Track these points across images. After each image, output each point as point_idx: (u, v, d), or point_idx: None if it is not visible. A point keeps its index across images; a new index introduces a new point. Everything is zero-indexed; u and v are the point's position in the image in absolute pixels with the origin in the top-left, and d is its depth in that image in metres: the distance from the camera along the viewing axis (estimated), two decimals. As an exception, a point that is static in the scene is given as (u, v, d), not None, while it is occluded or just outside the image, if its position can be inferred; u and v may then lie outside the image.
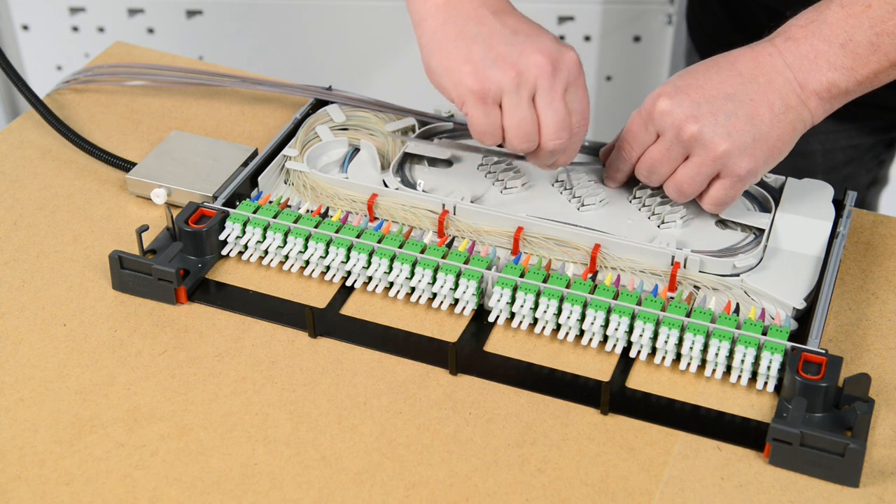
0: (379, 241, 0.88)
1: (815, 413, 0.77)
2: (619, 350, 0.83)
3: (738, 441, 0.78)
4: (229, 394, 0.81)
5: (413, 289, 0.87)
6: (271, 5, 1.82)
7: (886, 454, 0.77)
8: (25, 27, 1.87)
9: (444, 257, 0.87)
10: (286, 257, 0.90)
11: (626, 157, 0.90)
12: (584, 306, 0.83)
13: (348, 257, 0.88)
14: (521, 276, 0.85)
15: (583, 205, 0.92)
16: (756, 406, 0.80)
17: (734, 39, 0.96)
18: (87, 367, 0.83)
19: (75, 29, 1.86)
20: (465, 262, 0.86)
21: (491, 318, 0.85)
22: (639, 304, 0.83)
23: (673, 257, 0.87)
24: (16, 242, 0.93)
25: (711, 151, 0.84)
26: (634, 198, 0.93)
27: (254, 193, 0.95)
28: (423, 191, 0.93)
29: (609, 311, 0.82)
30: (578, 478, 0.75)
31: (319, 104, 1.02)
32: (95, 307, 0.87)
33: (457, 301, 0.87)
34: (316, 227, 0.89)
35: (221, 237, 0.90)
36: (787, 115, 0.84)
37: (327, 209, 0.94)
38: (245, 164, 0.98)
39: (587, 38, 1.82)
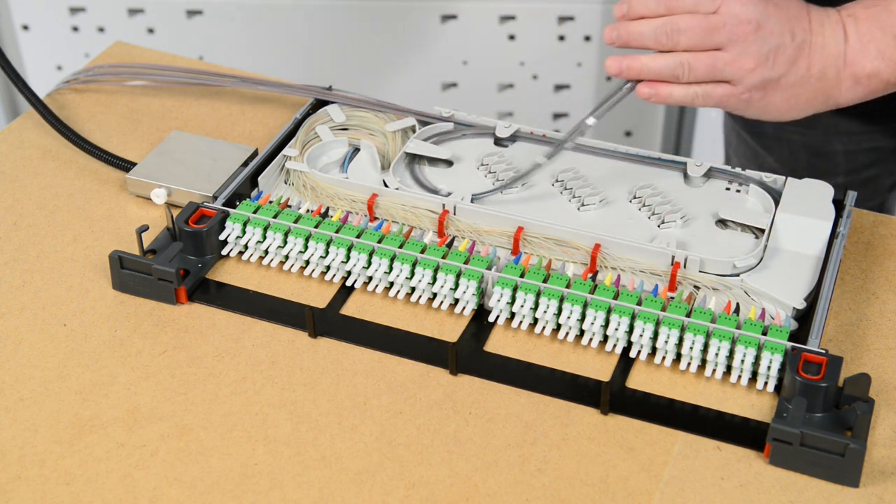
0: (379, 241, 0.87)
1: (815, 413, 0.77)
2: (619, 350, 0.83)
3: (738, 441, 0.78)
4: (229, 394, 0.81)
5: (413, 289, 0.87)
6: (271, 5, 1.82)
7: (886, 454, 0.77)
8: (25, 27, 1.87)
9: (444, 257, 0.87)
10: (286, 257, 0.90)
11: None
12: (584, 306, 0.83)
13: (348, 257, 0.88)
14: (521, 276, 0.85)
15: (583, 205, 0.92)
16: (756, 406, 0.80)
17: None
18: (87, 367, 0.83)
19: (75, 29, 1.86)
20: (465, 262, 0.86)
21: (491, 318, 0.85)
22: (639, 304, 0.83)
23: (673, 257, 0.86)
24: (16, 242, 0.93)
25: (741, 61, 0.84)
26: (634, 198, 0.93)
27: (254, 193, 0.95)
28: (444, 193, 0.92)
29: (609, 311, 0.82)
30: (578, 478, 0.75)
31: (319, 104, 1.02)
32: (95, 307, 0.87)
33: (457, 301, 0.87)
34: (316, 227, 0.89)
35: (221, 237, 0.90)
36: (819, 83, 0.85)
37: (327, 209, 0.94)
38: (245, 164, 0.98)
39: (587, 38, 1.82)
